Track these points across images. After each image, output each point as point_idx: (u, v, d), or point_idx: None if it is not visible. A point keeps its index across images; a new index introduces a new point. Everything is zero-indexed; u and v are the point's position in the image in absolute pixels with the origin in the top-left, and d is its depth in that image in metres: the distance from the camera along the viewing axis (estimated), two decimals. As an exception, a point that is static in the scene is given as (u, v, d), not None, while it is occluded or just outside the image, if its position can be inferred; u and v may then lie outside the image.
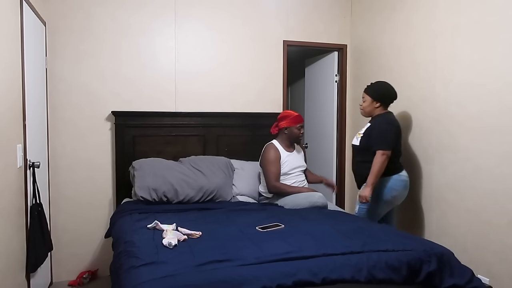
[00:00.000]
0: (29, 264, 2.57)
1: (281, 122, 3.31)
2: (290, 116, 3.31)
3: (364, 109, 3.12)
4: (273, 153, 3.23)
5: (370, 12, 3.83)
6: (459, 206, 2.82)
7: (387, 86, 3.08)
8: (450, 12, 2.89)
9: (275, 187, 3.17)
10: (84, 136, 3.41)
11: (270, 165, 3.19)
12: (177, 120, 3.60)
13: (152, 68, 3.56)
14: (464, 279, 2.00)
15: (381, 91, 3.06)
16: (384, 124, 2.97)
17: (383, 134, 2.92)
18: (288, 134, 3.29)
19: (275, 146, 3.28)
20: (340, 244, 2.05)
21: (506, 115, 2.47)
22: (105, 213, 3.47)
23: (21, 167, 2.48)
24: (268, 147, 3.30)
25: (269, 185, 3.19)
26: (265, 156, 3.25)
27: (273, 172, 3.18)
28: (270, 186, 3.19)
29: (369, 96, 3.07)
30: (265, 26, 3.87)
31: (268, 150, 3.26)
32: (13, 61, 2.36)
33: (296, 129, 3.29)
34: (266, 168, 3.21)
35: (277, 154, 3.23)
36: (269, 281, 1.70)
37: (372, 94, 3.07)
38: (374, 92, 3.06)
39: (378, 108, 3.07)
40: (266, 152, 3.26)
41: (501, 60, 2.51)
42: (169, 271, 1.73)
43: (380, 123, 2.99)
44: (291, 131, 3.28)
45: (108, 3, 3.43)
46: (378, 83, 3.13)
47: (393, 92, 3.07)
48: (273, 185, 3.17)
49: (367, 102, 3.09)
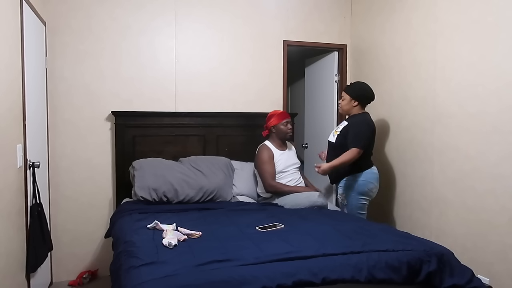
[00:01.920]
0: (29, 264, 2.57)
1: (269, 122, 3.36)
2: (275, 114, 3.36)
3: (342, 107, 3.25)
4: (266, 153, 3.26)
5: (370, 12, 3.83)
6: (459, 206, 2.82)
7: (366, 87, 3.20)
8: (450, 12, 2.89)
9: (271, 186, 3.18)
10: (84, 136, 3.41)
11: (264, 164, 3.22)
12: (177, 120, 3.60)
13: (152, 68, 3.56)
14: (464, 279, 2.00)
15: (360, 91, 3.18)
16: (361, 124, 3.09)
17: (360, 134, 3.04)
18: (276, 132, 3.33)
19: (267, 146, 3.31)
20: (340, 244, 2.05)
21: (506, 115, 2.47)
22: (105, 213, 3.47)
23: (21, 167, 2.48)
24: (260, 148, 3.33)
25: (266, 185, 3.20)
26: (258, 157, 3.28)
27: (268, 172, 3.20)
28: (266, 186, 3.20)
29: (348, 95, 3.19)
30: (265, 26, 3.87)
31: (261, 151, 3.29)
32: (13, 61, 2.36)
33: (282, 125, 3.31)
34: (261, 168, 3.23)
35: (270, 153, 3.26)
36: (269, 281, 1.70)
37: (351, 93, 3.19)
38: (353, 91, 3.19)
39: (355, 107, 3.19)
40: (259, 153, 3.29)
41: (501, 60, 2.51)
42: (169, 271, 1.73)
43: (357, 123, 3.10)
44: (278, 128, 3.32)
45: (108, 2, 3.43)
46: (357, 83, 3.26)
47: (371, 93, 3.19)
48: (270, 184, 3.18)
49: (345, 100, 3.21)
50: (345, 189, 3.13)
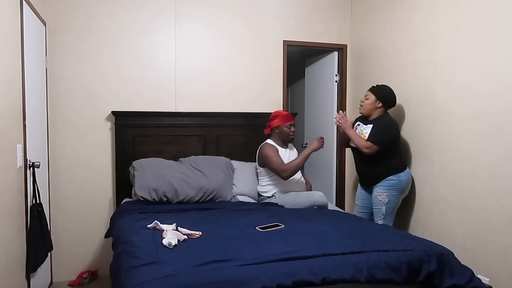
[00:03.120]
0: (29, 264, 2.57)
1: (272, 122, 3.35)
2: (279, 115, 3.35)
3: (365, 106, 3.21)
4: (271, 148, 3.26)
5: (370, 12, 3.83)
6: (459, 206, 2.82)
7: (392, 91, 3.20)
8: (450, 12, 2.89)
9: (285, 170, 3.14)
10: (84, 136, 3.41)
11: (272, 157, 3.20)
12: (177, 120, 3.60)
13: (152, 68, 3.56)
14: (464, 279, 2.00)
15: (387, 94, 3.18)
16: (390, 126, 3.12)
17: (387, 135, 3.08)
18: (279, 133, 3.33)
19: (270, 143, 3.32)
20: (340, 244, 2.05)
21: (506, 115, 2.47)
22: (105, 213, 3.47)
23: (21, 167, 2.48)
24: (264, 146, 3.32)
25: (280, 172, 3.16)
26: (264, 154, 3.26)
27: (278, 162, 3.18)
28: (281, 172, 3.15)
29: (374, 95, 3.17)
30: (265, 26, 3.87)
31: (265, 148, 3.28)
32: (13, 61, 2.35)
33: (286, 127, 3.32)
34: (270, 161, 3.20)
35: (274, 148, 3.27)
36: (269, 281, 1.70)
37: (377, 94, 3.17)
38: (380, 93, 3.17)
39: (378, 109, 3.17)
40: (264, 150, 3.28)
41: (501, 60, 2.51)
42: (169, 271, 1.73)
43: (382, 123, 3.11)
44: (281, 130, 3.32)
45: (108, 2, 3.43)
46: (385, 86, 3.23)
47: (395, 99, 3.20)
48: (283, 170, 3.14)
49: (370, 100, 3.18)
50: (388, 188, 3.09)
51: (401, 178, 3.09)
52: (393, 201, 3.10)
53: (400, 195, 3.13)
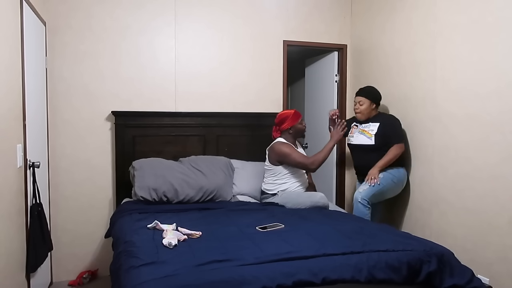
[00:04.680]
0: (29, 264, 2.57)
1: (283, 125, 3.30)
2: (289, 116, 3.31)
3: (363, 112, 3.31)
4: (287, 145, 3.23)
5: (370, 12, 3.83)
6: (459, 206, 2.82)
7: (377, 90, 3.35)
8: (450, 12, 2.89)
9: (312, 162, 3.12)
10: (84, 136, 3.41)
11: (293, 153, 3.17)
12: (177, 120, 3.60)
13: (152, 68, 3.56)
14: (464, 279, 2.00)
15: (376, 94, 3.33)
16: (395, 121, 3.25)
17: (399, 129, 3.22)
18: (293, 132, 3.31)
19: (283, 141, 3.28)
20: (340, 244, 2.05)
21: (506, 115, 2.47)
22: (105, 213, 3.47)
23: (21, 167, 2.48)
24: (278, 144, 3.26)
25: (309, 165, 3.13)
26: (282, 151, 3.19)
27: (300, 156, 3.16)
28: (309, 165, 3.12)
29: (368, 99, 3.29)
30: (265, 26, 3.87)
31: (280, 145, 3.23)
32: (13, 61, 2.35)
33: (299, 124, 3.33)
34: (292, 157, 3.15)
35: (290, 145, 3.25)
36: (269, 281, 1.70)
37: (370, 97, 3.30)
38: (372, 95, 3.31)
39: (374, 110, 3.31)
40: (280, 148, 3.21)
41: (501, 59, 2.51)
42: (169, 271, 1.73)
43: (391, 120, 3.25)
44: (296, 128, 3.31)
45: (108, 2, 3.43)
46: (371, 87, 3.37)
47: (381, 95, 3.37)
48: (311, 162, 3.12)
49: (365, 105, 3.29)
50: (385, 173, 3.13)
51: (400, 171, 3.19)
52: (384, 186, 3.11)
53: (394, 185, 3.17)
